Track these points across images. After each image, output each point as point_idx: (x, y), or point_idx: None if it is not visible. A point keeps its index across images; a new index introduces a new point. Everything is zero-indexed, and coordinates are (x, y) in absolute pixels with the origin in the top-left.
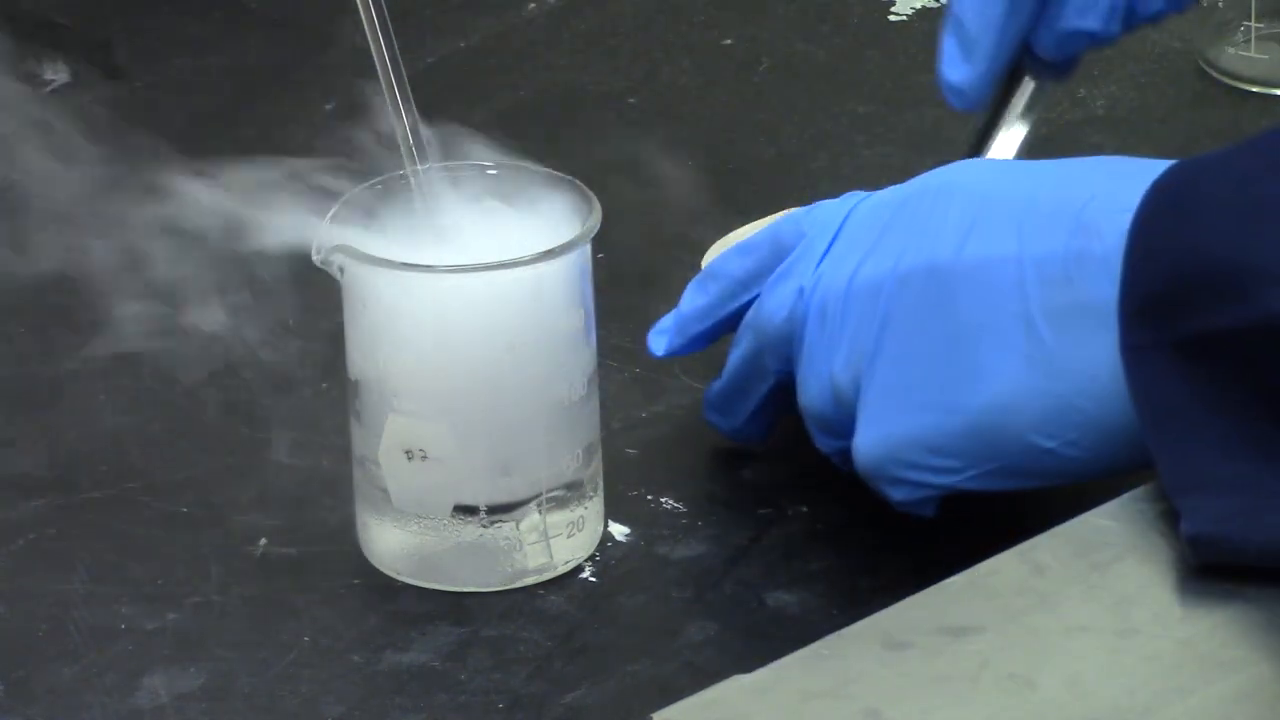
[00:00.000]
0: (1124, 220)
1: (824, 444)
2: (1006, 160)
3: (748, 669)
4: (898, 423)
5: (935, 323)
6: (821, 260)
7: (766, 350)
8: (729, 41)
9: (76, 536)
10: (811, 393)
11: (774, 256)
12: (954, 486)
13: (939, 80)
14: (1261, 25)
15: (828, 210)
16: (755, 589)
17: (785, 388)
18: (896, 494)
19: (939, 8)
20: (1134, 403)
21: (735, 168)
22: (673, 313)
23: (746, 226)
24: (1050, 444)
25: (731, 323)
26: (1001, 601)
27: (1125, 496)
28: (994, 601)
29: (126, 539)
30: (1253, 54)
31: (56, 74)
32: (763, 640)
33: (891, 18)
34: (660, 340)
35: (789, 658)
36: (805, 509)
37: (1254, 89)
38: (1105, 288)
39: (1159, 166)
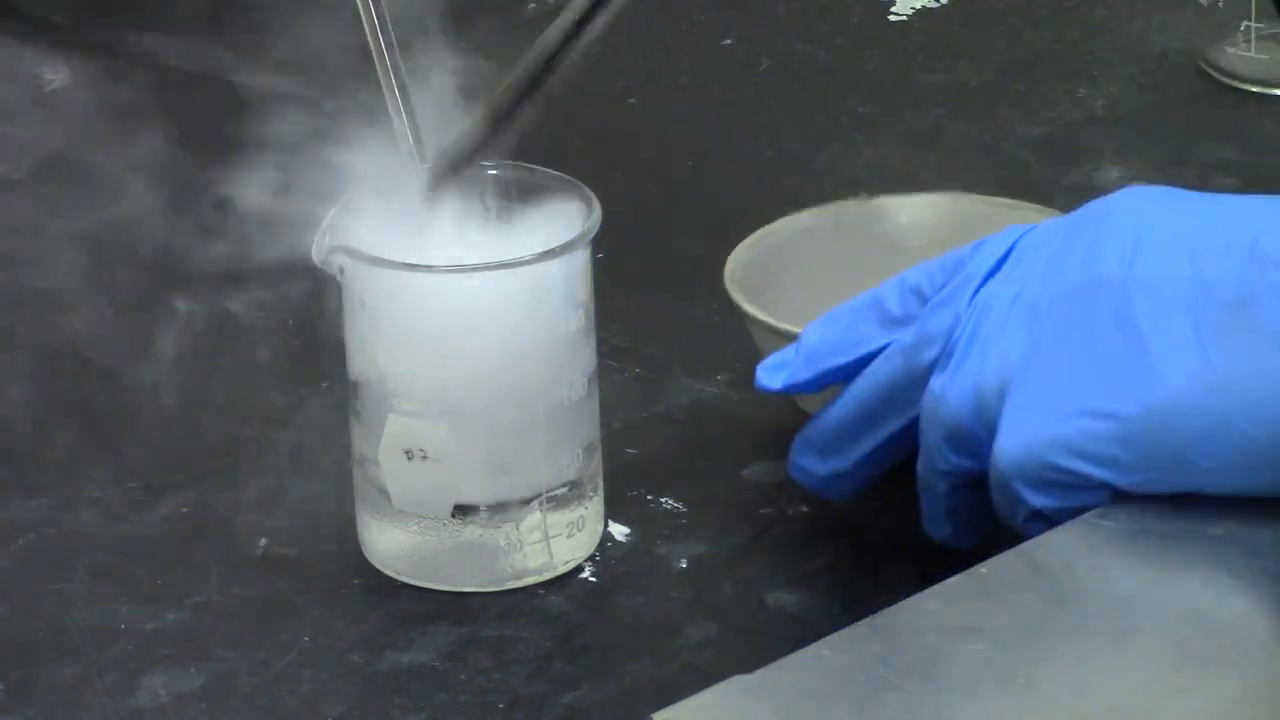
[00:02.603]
0: None
1: (946, 463)
2: (1171, 190)
3: (748, 669)
4: (1046, 424)
5: (1098, 329)
6: (981, 286)
7: (915, 380)
8: (729, 41)
9: (76, 536)
10: (951, 402)
11: (934, 294)
12: (1094, 496)
13: None
14: (1261, 25)
15: (991, 242)
16: (755, 589)
17: (911, 433)
18: (1035, 499)
19: (939, 8)
20: None
21: (735, 168)
22: (791, 347)
23: (759, 232)
24: (1206, 463)
25: (867, 362)
26: (1001, 601)
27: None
28: (994, 601)
29: (126, 539)
30: (1253, 54)
31: (56, 74)
32: (763, 640)
33: (891, 18)
34: (777, 375)
35: (789, 658)
36: (805, 509)
37: (1254, 89)
38: (1275, 304)
39: None
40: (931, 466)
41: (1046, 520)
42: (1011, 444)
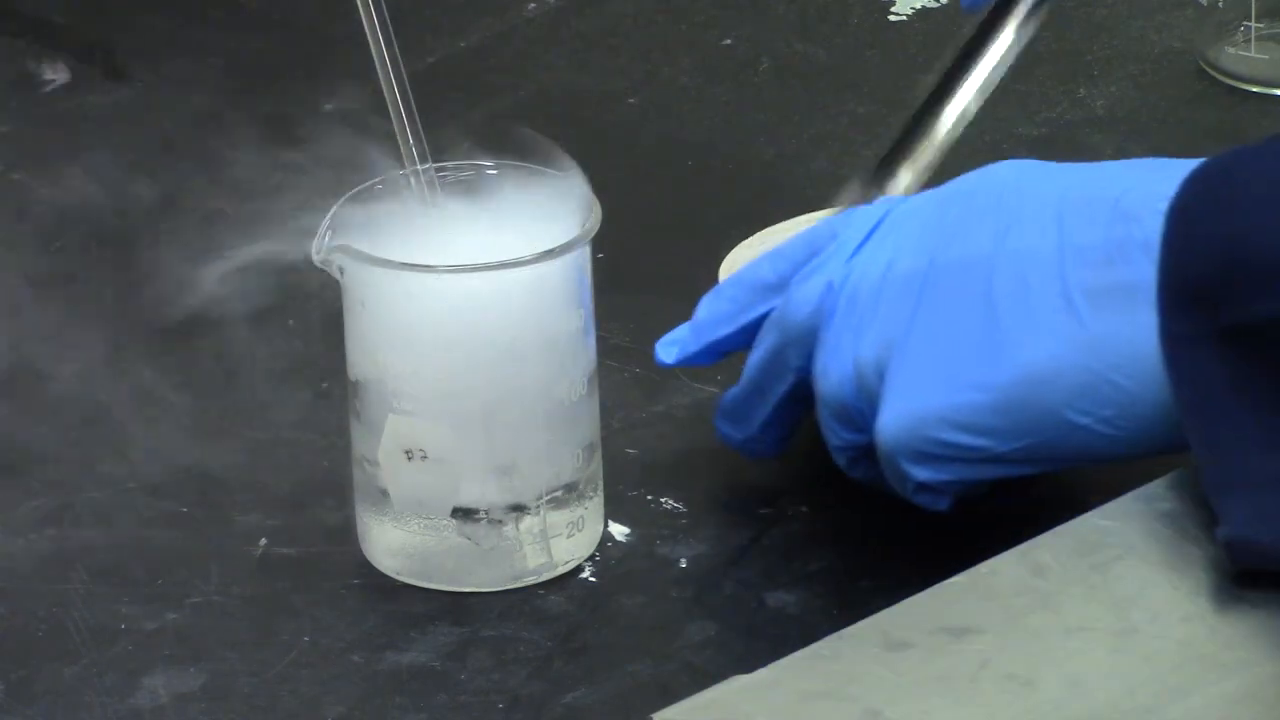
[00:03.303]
0: (1161, 209)
1: (837, 438)
2: (1038, 162)
3: (748, 669)
4: (925, 398)
5: (971, 305)
6: (853, 256)
7: (790, 345)
8: (729, 41)
9: (76, 536)
10: (833, 379)
11: (807, 260)
12: (979, 468)
13: None
14: (1261, 25)
15: (863, 213)
16: (755, 589)
17: (802, 394)
18: (919, 473)
19: (939, 8)
20: (1174, 392)
21: (735, 168)
22: (686, 324)
23: (762, 233)
24: (1085, 420)
25: (752, 331)
26: (1001, 601)
27: (1125, 496)
28: (994, 601)
29: (126, 539)
30: (1253, 54)
31: (56, 74)
32: (763, 640)
33: (891, 18)
34: (671, 350)
35: (789, 658)
36: (805, 509)
37: (1254, 89)
38: (1146, 269)
39: (1190, 164)
40: (829, 441)
41: (934, 492)
42: (892, 421)
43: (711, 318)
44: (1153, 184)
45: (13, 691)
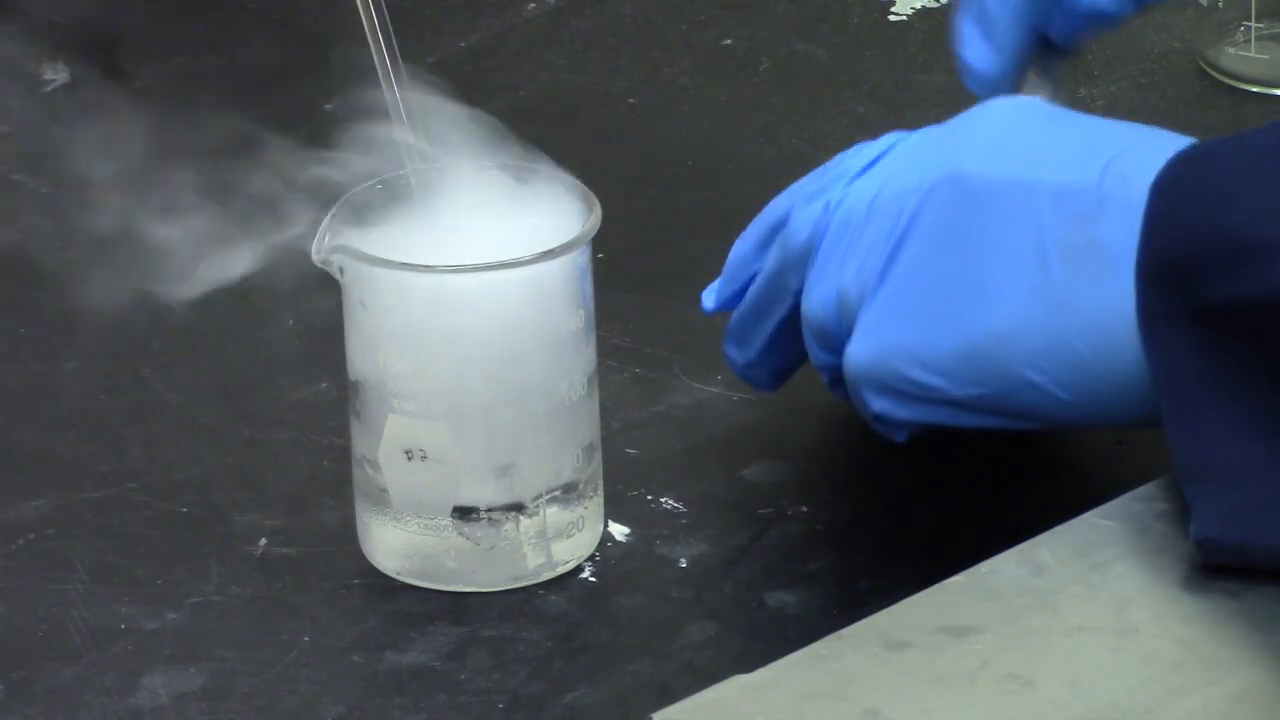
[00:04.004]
0: (1151, 175)
1: (817, 359)
2: (1043, 102)
3: (748, 669)
4: (895, 332)
5: (953, 238)
6: (853, 180)
7: (788, 267)
8: (729, 41)
9: (76, 536)
10: (815, 302)
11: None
12: (936, 410)
13: (959, 63)
14: (1261, 25)
15: (871, 145)
16: (755, 589)
17: (799, 323)
18: (878, 404)
19: (939, 8)
20: (1150, 369)
21: (735, 168)
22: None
23: None
24: (1040, 379)
25: None
26: (1001, 601)
27: (1125, 496)
28: (994, 601)
29: (126, 539)
30: (1253, 54)
31: (56, 74)
32: (763, 640)
33: (891, 18)
34: (710, 296)
35: (789, 658)
36: (805, 509)
37: (1254, 89)
38: (1123, 232)
39: (1186, 140)
40: (812, 360)
41: (888, 425)
42: (860, 351)
43: (737, 258)
44: (1150, 150)
45: (13, 691)
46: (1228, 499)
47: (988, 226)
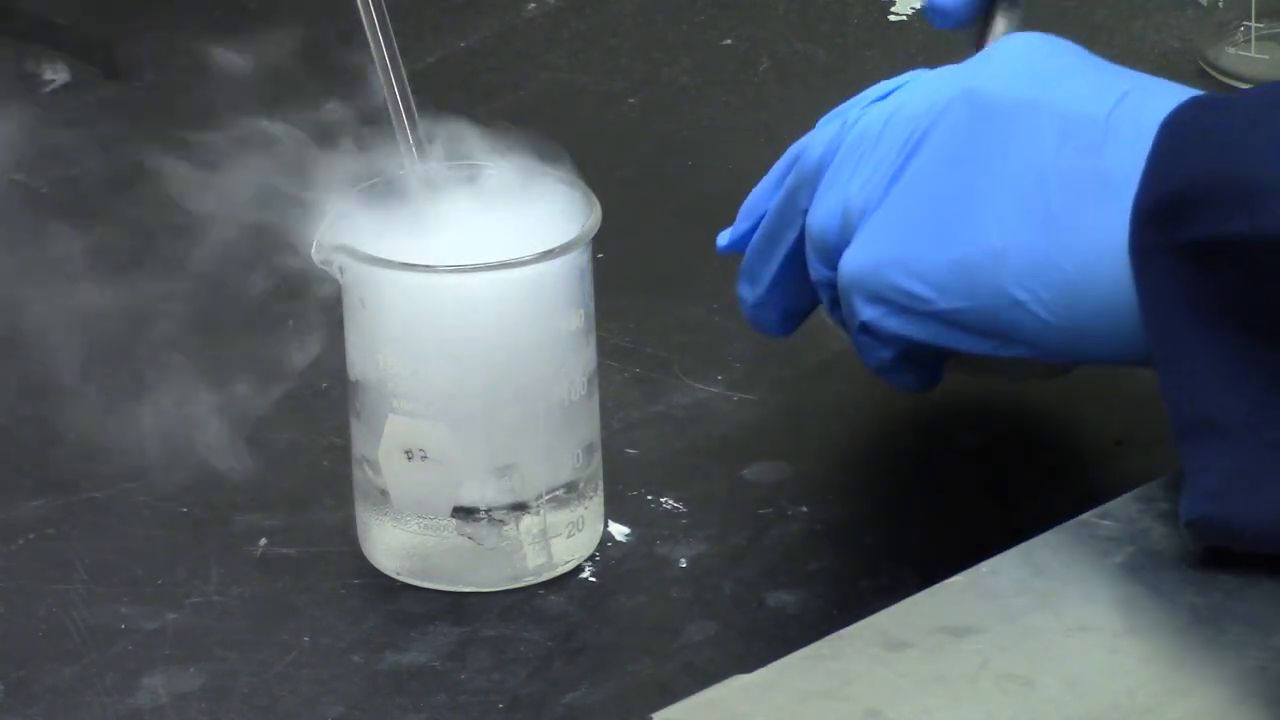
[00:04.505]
0: (1163, 114)
1: (816, 273)
2: (1070, 43)
3: (748, 669)
4: (892, 242)
5: (961, 153)
6: (872, 103)
7: (802, 186)
8: (729, 41)
9: (76, 536)
10: (821, 214)
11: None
12: (922, 324)
13: (925, 3)
14: (1261, 25)
15: (891, 80)
16: (755, 589)
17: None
18: (866, 312)
19: None
20: (1139, 299)
21: (735, 168)
22: None
23: None
24: (1025, 297)
25: None
26: (1001, 601)
27: (1125, 496)
28: (994, 601)
29: (126, 539)
30: (1253, 54)
31: (56, 74)
32: (763, 640)
33: (891, 18)
34: (724, 235)
35: (789, 658)
36: (805, 509)
37: None
38: (1128, 163)
39: (1201, 91)
40: (812, 275)
41: (875, 339)
42: (856, 257)
43: (754, 199)
44: (1166, 92)
45: (13, 691)
46: (1220, 464)
47: (995, 144)
